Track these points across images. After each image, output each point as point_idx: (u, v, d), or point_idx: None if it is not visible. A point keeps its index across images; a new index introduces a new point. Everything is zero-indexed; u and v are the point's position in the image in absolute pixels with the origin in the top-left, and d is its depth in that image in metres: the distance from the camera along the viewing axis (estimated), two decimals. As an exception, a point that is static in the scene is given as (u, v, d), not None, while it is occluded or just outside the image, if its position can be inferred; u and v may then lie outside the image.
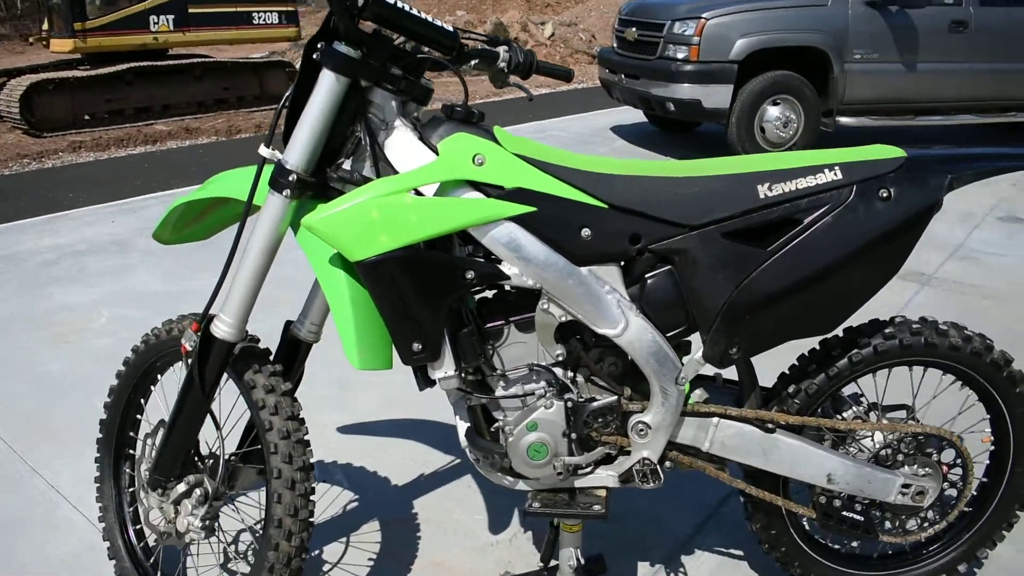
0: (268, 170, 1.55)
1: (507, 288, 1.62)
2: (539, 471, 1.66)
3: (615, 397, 1.63)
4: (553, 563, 1.87)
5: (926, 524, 1.82)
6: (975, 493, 1.89)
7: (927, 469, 1.76)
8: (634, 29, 6.71)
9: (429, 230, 1.46)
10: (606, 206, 1.54)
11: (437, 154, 1.51)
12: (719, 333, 1.59)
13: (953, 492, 1.82)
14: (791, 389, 1.73)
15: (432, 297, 1.50)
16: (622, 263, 1.59)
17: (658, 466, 1.65)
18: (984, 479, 1.87)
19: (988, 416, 1.82)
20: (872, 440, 1.75)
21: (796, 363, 1.78)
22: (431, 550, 2.18)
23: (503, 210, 1.50)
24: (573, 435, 1.64)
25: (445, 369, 1.56)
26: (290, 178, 1.50)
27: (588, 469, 1.71)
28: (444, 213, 1.47)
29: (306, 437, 1.67)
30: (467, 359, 1.57)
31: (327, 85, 1.47)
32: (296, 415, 1.66)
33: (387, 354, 1.54)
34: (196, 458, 1.74)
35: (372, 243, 1.45)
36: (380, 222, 1.44)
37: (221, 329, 1.59)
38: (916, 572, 1.90)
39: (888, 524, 1.79)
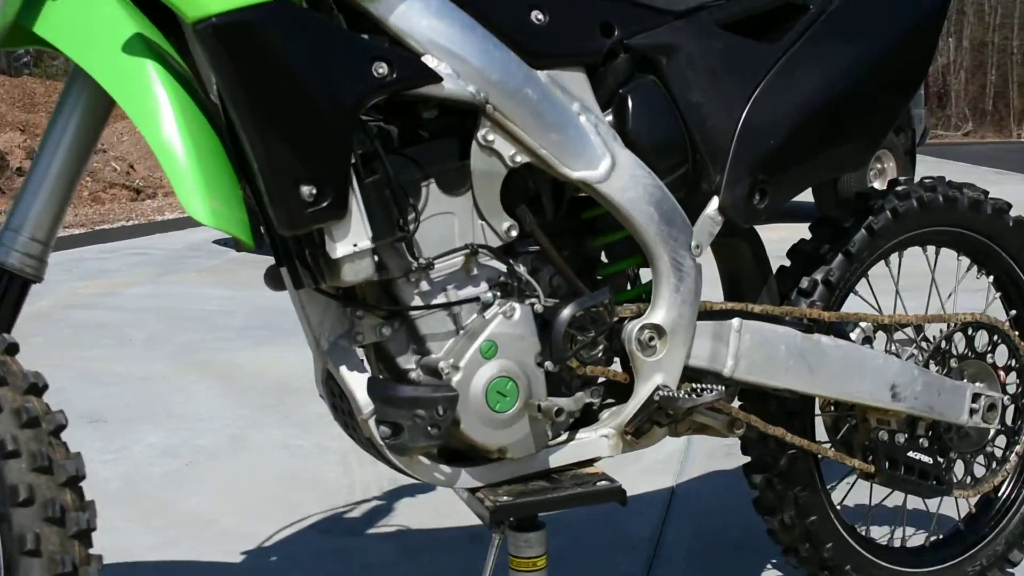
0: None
1: (419, 115, 1.37)
2: (507, 431, 1.38)
3: (603, 292, 1.43)
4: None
5: (993, 465, 1.84)
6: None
7: (983, 376, 1.80)
8: None
9: None
10: None
11: None
12: (738, 168, 1.51)
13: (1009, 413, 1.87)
14: (805, 284, 1.68)
15: (332, 96, 1.20)
16: (589, 68, 1.45)
17: (698, 393, 1.47)
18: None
19: (1013, 312, 1.92)
20: (917, 343, 1.76)
21: (797, 249, 1.75)
22: None
23: None
24: (549, 363, 1.40)
25: (354, 238, 1.24)
26: None
27: (567, 436, 1.47)
28: None
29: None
30: (380, 229, 1.28)
31: None
32: (41, 386, 1.19)
33: (242, 215, 1.20)
34: None
35: None
36: None
37: None
38: (983, 554, 1.88)
39: (955, 471, 1.79)
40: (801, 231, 1.83)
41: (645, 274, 1.54)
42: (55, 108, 1.30)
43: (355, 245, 1.25)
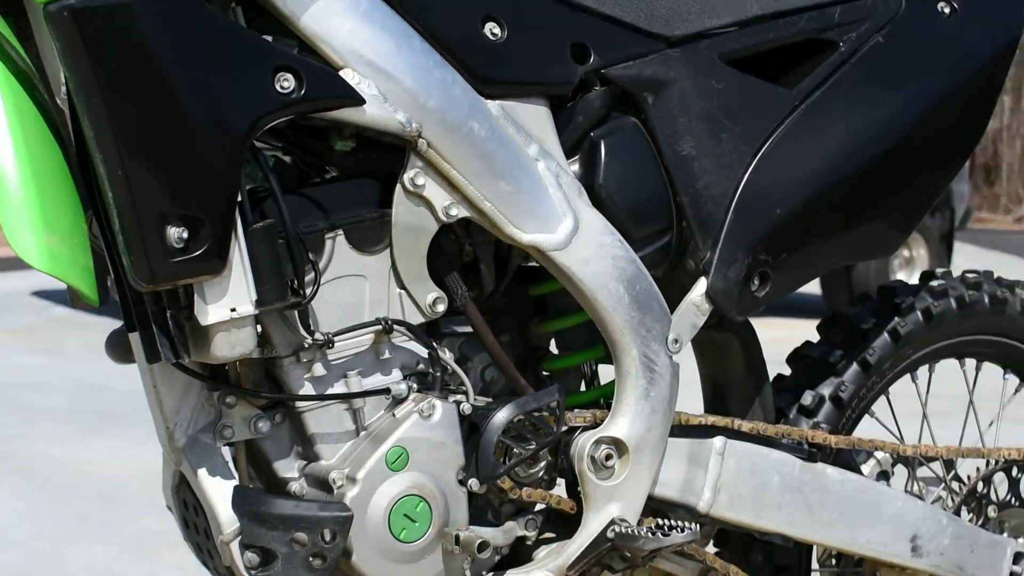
0: None
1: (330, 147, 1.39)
2: (413, 568, 1.38)
3: (552, 390, 1.44)
4: None
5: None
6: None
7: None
8: None
9: None
10: None
11: None
12: (733, 244, 1.54)
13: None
14: (808, 400, 1.71)
15: (217, 113, 1.21)
16: (554, 101, 1.48)
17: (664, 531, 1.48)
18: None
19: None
20: (946, 482, 1.79)
21: (801, 354, 1.79)
22: None
23: None
24: (474, 482, 1.40)
25: (232, 300, 1.24)
26: None
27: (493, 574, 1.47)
28: None
29: None
30: (267, 291, 1.27)
31: None
32: None
33: (86, 259, 1.20)
34: None
35: None
36: None
37: None
38: None
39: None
40: (806, 331, 1.86)
41: (607, 373, 1.56)
42: None
43: (233, 310, 1.24)
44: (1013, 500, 1.83)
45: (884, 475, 1.74)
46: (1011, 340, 1.84)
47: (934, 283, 1.80)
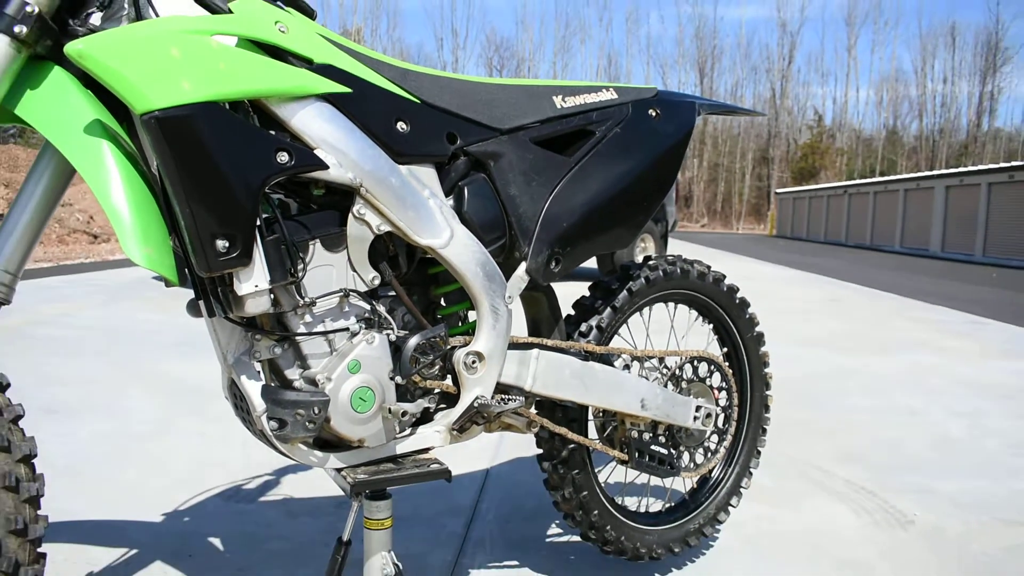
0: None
1: (311, 193, 1.35)
2: (365, 427, 1.35)
3: (440, 327, 1.43)
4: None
5: (708, 455, 1.90)
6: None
7: (704, 393, 1.87)
8: None
9: (241, 85, 1.16)
10: (419, 101, 1.42)
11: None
12: (540, 243, 1.53)
13: (720, 420, 1.94)
14: (583, 328, 1.72)
15: (244, 175, 1.17)
16: (437, 165, 1.45)
17: (505, 401, 1.47)
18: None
19: (724, 350, 2.02)
20: (659, 369, 1.82)
21: (579, 303, 1.79)
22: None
23: (318, 84, 1.27)
24: (399, 378, 1.38)
25: (256, 280, 1.20)
26: (26, 9, 1.07)
27: (410, 431, 1.46)
28: (257, 70, 1.19)
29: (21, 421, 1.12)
30: (275, 274, 1.24)
31: None
32: (4, 384, 1.12)
33: (170, 260, 1.15)
34: None
35: (171, 88, 1.09)
36: (182, 63, 1.10)
37: None
38: (701, 516, 1.96)
39: (683, 459, 1.84)
40: (585, 287, 1.87)
41: (472, 315, 1.55)
42: (29, 170, 1.22)
43: (256, 286, 1.21)
44: (695, 377, 1.86)
45: (627, 367, 1.76)
46: (692, 292, 1.86)
47: (651, 262, 1.82)
